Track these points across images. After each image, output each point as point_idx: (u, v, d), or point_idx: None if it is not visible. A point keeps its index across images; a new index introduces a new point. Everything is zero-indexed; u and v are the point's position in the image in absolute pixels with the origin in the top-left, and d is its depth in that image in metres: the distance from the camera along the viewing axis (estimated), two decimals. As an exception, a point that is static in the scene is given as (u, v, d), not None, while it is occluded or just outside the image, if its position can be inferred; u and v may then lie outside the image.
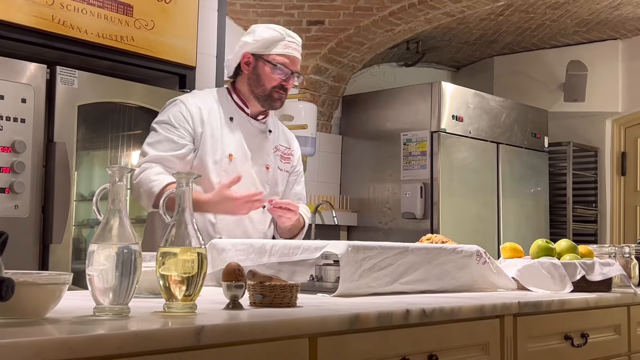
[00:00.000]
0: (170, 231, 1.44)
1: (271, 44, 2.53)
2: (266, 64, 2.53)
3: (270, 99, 2.55)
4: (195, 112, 2.50)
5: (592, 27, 5.62)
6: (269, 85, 2.53)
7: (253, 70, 2.54)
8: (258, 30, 2.57)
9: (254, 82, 2.55)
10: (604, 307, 2.29)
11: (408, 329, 1.62)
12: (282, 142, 2.72)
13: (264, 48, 2.53)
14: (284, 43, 2.54)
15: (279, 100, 2.56)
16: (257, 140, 2.61)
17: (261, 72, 2.53)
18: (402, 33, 5.13)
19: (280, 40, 2.54)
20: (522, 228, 5.31)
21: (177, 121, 2.48)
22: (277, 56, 2.53)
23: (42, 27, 2.88)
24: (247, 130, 2.58)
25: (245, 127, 2.58)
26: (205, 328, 1.24)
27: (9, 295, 1.04)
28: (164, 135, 2.46)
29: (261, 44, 2.53)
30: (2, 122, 2.74)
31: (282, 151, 2.71)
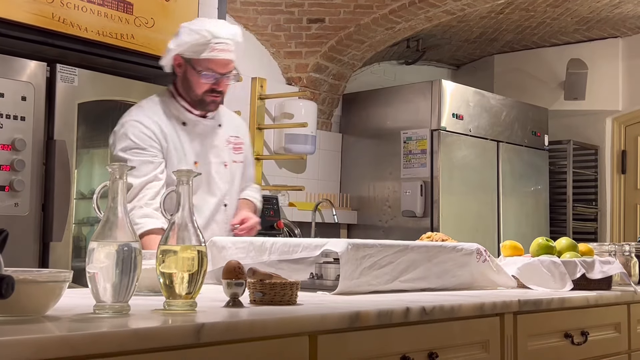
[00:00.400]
0: (170, 229, 1.44)
1: (196, 48, 2.41)
2: (193, 70, 2.42)
3: (203, 103, 2.47)
4: (155, 127, 2.44)
5: (592, 25, 5.62)
6: (199, 91, 2.44)
7: (183, 75, 2.45)
8: (182, 33, 2.44)
9: (185, 87, 2.47)
10: (604, 305, 2.29)
11: (408, 327, 1.62)
12: (232, 132, 2.65)
13: (191, 52, 2.41)
14: (210, 46, 2.40)
15: (212, 103, 2.48)
16: (211, 139, 2.55)
17: (190, 78, 2.44)
18: (403, 31, 5.13)
19: (205, 43, 2.40)
20: (522, 226, 5.31)
21: (143, 142, 2.41)
22: (204, 60, 2.40)
23: (42, 24, 2.88)
24: (201, 131, 2.52)
25: (198, 128, 2.51)
26: (205, 326, 1.24)
27: (9, 293, 1.04)
28: (138, 160, 2.39)
29: (186, 48, 2.42)
30: (2, 120, 2.74)
31: (234, 142, 2.64)
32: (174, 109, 2.49)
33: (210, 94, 2.44)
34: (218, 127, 2.58)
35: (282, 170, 5.00)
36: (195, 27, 2.42)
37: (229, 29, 2.44)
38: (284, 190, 4.81)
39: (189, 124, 2.50)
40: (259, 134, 4.79)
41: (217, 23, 2.46)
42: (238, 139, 2.66)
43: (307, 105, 4.87)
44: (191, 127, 2.50)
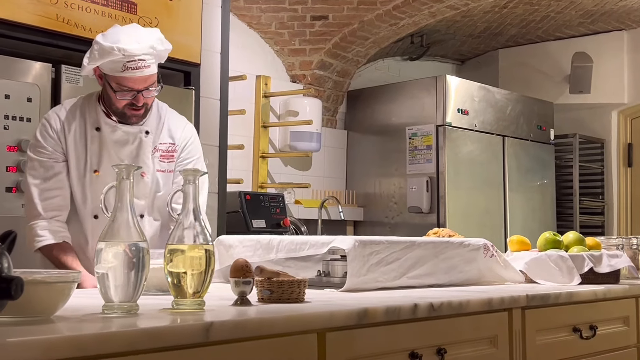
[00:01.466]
0: (178, 228, 1.45)
1: (110, 65, 2.24)
2: (108, 85, 2.28)
3: (124, 116, 2.32)
4: (59, 127, 2.32)
5: (597, 18, 5.60)
6: (119, 105, 2.30)
7: (104, 88, 2.33)
8: (96, 49, 2.26)
9: (105, 100, 2.34)
10: (612, 299, 2.29)
11: (416, 323, 1.62)
12: (164, 139, 2.44)
13: (107, 69, 2.26)
14: (122, 64, 2.22)
15: (133, 117, 2.32)
16: (130, 146, 2.36)
17: (109, 92, 2.29)
18: (406, 27, 5.12)
19: (118, 59, 2.23)
20: (529, 221, 5.30)
21: (44, 141, 2.32)
22: (117, 78, 2.25)
23: (46, 26, 2.89)
24: (118, 139, 2.35)
25: (115, 135, 2.35)
26: (214, 324, 1.24)
27: (18, 294, 1.05)
28: (37, 160, 2.32)
29: (101, 65, 2.26)
30: (9, 121, 2.75)
31: (164, 149, 2.43)
32: (93, 112, 2.36)
33: (130, 109, 2.30)
34: (144, 134, 2.39)
35: (288, 168, 5.00)
36: (107, 43, 2.24)
37: (144, 42, 2.26)
38: (289, 188, 4.82)
39: (105, 129, 2.34)
40: (264, 132, 4.79)
41: (130, 37, 2.27)
42: (171, 146, 2.44)
43: (312, 102, 4.86)
44: (106, 133, 2.34)
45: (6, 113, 2.75)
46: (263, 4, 4.69)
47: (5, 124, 2.74)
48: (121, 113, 2.32)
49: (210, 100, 3.59)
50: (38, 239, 2.29)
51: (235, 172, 4.44)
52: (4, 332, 1.08)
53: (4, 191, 2.72)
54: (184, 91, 3.37)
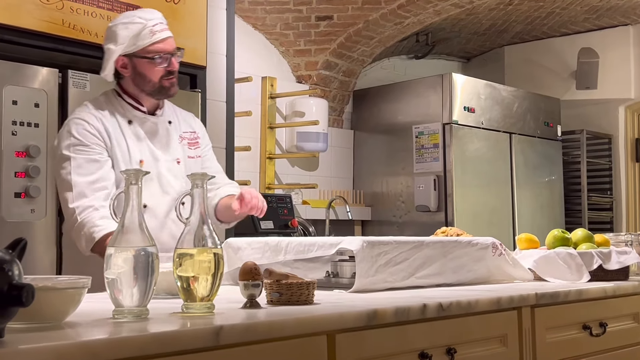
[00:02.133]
0: (187, 232, 1.45)
1: (136, 38, 2.33)
2: (143, 60, 2.35)
3: (162, 90, 2.39)
4: (99, 125, 2.35)
5: (602, 13, 5.58)
6: (156, 79, 2.36)
7: (133, 70, 2.37)
8: (118, 31, 2.36)
9: (139, 81, 2.38)
10: (622, 296, 2.28)
11: (426, 323, 1.63)
12: (185, 128, 2.56)
13: (132, 45, 2.34)
14: (148, 30, 2.33)
15: (172, 87, 2.40)
16: (160, 136, 2.46)
17: (142, 70, 2.36)
18: (411, 25, 5.12)
19: (142, 30, 2.33)
20: (537, 218, 5.30)
21: (87, 139, 2.31)
22: (149, 47, 2.34)
23: (52, 31, 2.90)
24: (148, 129, 2.43)
25: (145, 126, 2.43)
26: (224, 328, 1.25)
27: (29, 301, 1.05)
28: (82, 158, 2.30)
29: (128, 43, 2.34)
30: (17, 127, 2.76)
31: (188, 138, 2.55)
32: (119, 107, 2.41)
33: (166, 79, 2.37)
34: (168, 124, 2.49)
35: (295, 169, 5.01)
36: (126, 20, 2.36)
37: (154, 11, 2.41)
38: (297, 188, 4.82)
39: (135, 121, 2.41)
40: (271, 133, 4.80)
41: (141, 10, 2.40)
42: (193, 134, 2.57)
43: (318, 102, 4.87)
44: (138, 125, 2.41)
45: (14, 119, 2.76)
46: (268, 6, 4.70)
47: (14, 130, 2.76)
48: (158, 88, 2.38)
49: (217, 102, 3.60)
50: (97, 228, 2.20)
51: (242, 173, 4.45)
52: (16, 338, 1.09)
53: (12, 197, 2.74)
54: (190, 94, 3.38)
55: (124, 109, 2.41)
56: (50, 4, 2.89)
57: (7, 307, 1.05)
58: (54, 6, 2.90)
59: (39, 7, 2.86)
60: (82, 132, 2.32)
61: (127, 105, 2.42)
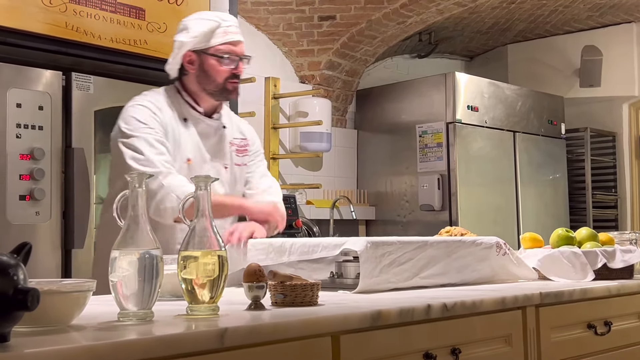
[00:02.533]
0: (191, 235, 1.46)
1: (209, 35, 2.34)
2: (211, 58, 2.35)
3: (225, 92, 2.39)
4: (158, 112, 2.35)
5: (605, 11, 5.57)
6: (221, 79, 2.36)
7: (199, 68, 2.37)
8: (192, 25, 2.37)
9: (203, 80, 2.38)
10: (627, 295, 2.28)
11: (430, 323, 1.63)
12: (237, 134, 2.55)
13: (204, 42, 2.35)
14: (222, 30, 2.35)
15: (234, 91, 2.40)
16: (213, 139, 2.45)
17: (208, 68, 2.36)
18: (414, 25, 5.12)
19: (217, 28, 2.35)
20: (542, 216, 5.29)
21: (151, 123, 2.31)
22: (220, 45, 2.34)
23: (56, 34, 2.91)
24: (202, 131, 2.43)
25: (200, 127, 2.42)
26: (228, 330, 1.25)
27: (34, 305, 1.06)
28: (151, 137, 2.28)
29: (200, 39, 2.34)
30: (21, 129, 2.77)
31: (238, 144, 2.53)
32: (176, 103, 2.41)
33: (231, 81, 2.37)
34: (222, 129, 2.48)
35: (299, 169, 5.01)
36: (202, 16, 2.39)
37: (230, 15, 2.44)
38: (301, 188, 4.83)
39: (190, 120, 2.41)
40: (274, 134, 4.80)
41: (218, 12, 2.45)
42: (244, 141, 2.56)
43: (321, 102, 4.87)
44: (192, 124, 2.41)
45: (18, 121, 2.77)
46: (270, 6, 4.70)
47: (18, 133, 2.76)
48: (221, 89, 2.37)
49: (220, 103, 3.60)
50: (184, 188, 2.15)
51: (246, 174, 4.45)
52: (22, 342, 1.09)
53: (17, 199, 2.74)
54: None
55: (181, 107, 2.41)
56: (53, 7, 2.89)
57: (12, 311, 1.06)
58: (57, 9, 2.91)
59: (42, 9, 2.86)
60: (146, 117, 2.31)
61: (185, 103, 2.41)
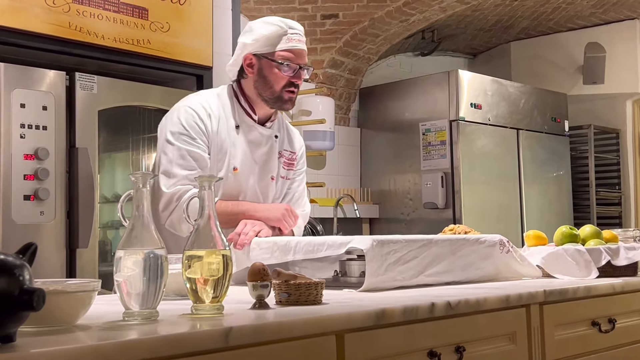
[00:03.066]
0: (195, 234, 1.46)
1: (273, 40, 2.30)
2: (272, 64, 2.30)
3: (280, 100, 2.33)
4: (207, 120, 2.29)
5: (608, 7, 5.56)
6: (278, 87, 2.31)
7: (258, 72, 2.32)
8: (256, 28, 2.33)
9: (261, 85, 2.32)
10: (631, 292, 2.28)
11: (434, 322, 1.63)
12: (287, 145, 2.50)
13: (266, 46, 2.30)
14: (287, 37, 2.30)
15: (289, 101, 2.35)
16: (263, 149, 2.39)
17: (267, 73, 2.31)
18: (417, 23, 5.12)
19: (282, 34, 2.30)
20: (545, 214, 5.29)
21: (194, 132, 2.26)
22: (282, 52, 2.30)
23: (59, 34, 2.91)
24: (253, 139, 2.37)
25: (251, 135, 2.37)
26: (233, 329, 1.26)
27: (40, 305, 1.06)
28: (185, 149, 2.24)
29: (262, 43, 2.30)
30: (25, 130, 2.78)
31: (286, 157, 2.49)
32: (229, 109, 2.35)
33: (288, 90, 2.32)
34: (274, 139, 2.42)
35: (302, 167, 5.00)
36: (268, 20, 2.35)
37: (297, 24, 2.37)
38: (304, 187, 4.82)
39: (243, 127, 2.35)
40: (278, 132, 4.80)
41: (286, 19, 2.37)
42: (292, 155, 2.51)
43: (325, 101, 4.87)
44: (244, 131, 2.35)
45: (22, 122, 2.78)
46: (273, 5, 4.70)
47: (22, 133, 2.77)
48: (278, 97, 2.32)
49: (223, 102, 3.60)
50: None
51: (250, 173, 4.45)
52: (28, 342, 1.10)
53: (22, 199, 2.75)
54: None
55: (235, 111, 2.36)
56: (56, 7, 2.90)
57: (18, 311, 1.06)
58: (60, 9, 2.91)
59: (45, 10, 2.87)
60: (191, 124, 2.26)
61: (241, 108, 2.37)
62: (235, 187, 2.32)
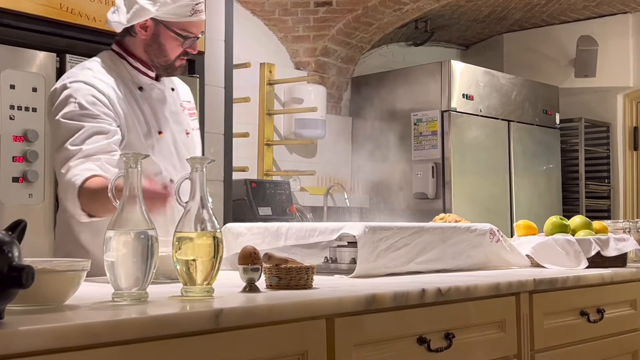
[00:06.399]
0: (185, 216, 1.45)
1: (179, 9, 2.10)
2: (172, 34, 2.12)
3: (171, 68, 2.18)
4: (110, 92, 2.07)
5: (601, 1, 5.57)
6: (173, 56, 2.15)
7: (153, 38, 2.13)
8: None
9: (154, 51, 2.14)
10: (620, 283, 2.29)
11: (424, 308, 1.63)
12: (184, 96, 2.33)
13: (172, 14, 2.10)
14: (191, 7, 2.11)
15: (180, 67, 2.20)
16: (169, 104, 2.23)
17: (164, 41, 2.13)
18: (411, 12, 5.10)
19: (187, 5, 2.11)
20: (535, 206, 5.30)
21: (96, 109, 2.02)
22: (186, 23, 2.12)
23: (50, 15, 2.88)
24: (157, 96, 2.20)
25: (154, 92, 2.20)
26: (223, 311, 1.25)
27: (29, 283, 1.05)
28: (91, 128, 1.98)
29: (168, 10, 2.09)
30: (14, 111, 2.75)
31: (188, 107, 2.33)
32: (125, 71, 2.16)
33: (181, 58, 2.17)
34: (172, 91, 2.27)
35: (293, 156, 5.00)
36: None
37: None
38: (295, 175, 4.82)
39: (146, 88, 2.18)
40: (269, 120, 4.79)
41: None
42: (190, 104, 2.35)
43: (317, 89, 4.86)
44: (148, 91, 2.18)
45: (12, 103, 2.75)
46: (266, -9, 4.68)
47: (11, 114, 2.75)
48: (169, 65, 2.17)
49: (215, 88, 3.59)
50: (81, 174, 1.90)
51: (240, 160, 4.44)
52: (16, 320, 1.09)
53: (10, 181, 2.73)
54: (188, 79, 3.36)
55: (131, 74, 2.17)
56: (48, -12, 2.87)
57: (6, 288, 1.05)
58: (51, -10, 2.88)
59: (36, -10, 2.84)
60: (91, 100, 2.03)
61: (134, 69, 2.18)
62: (163, 151, 2.17)
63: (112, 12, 2.17)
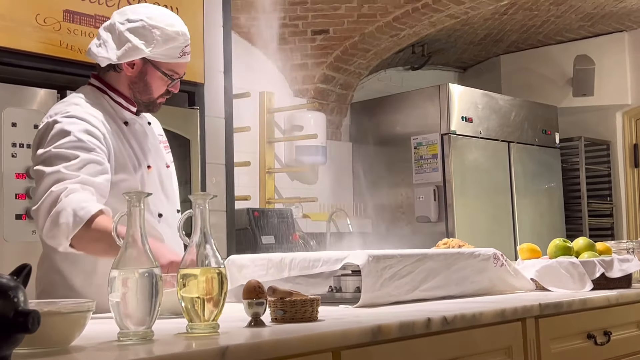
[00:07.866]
0: (189, 252, 1.45)
1: (170, 52, 2.12)
2: (159, 74, 2.14)
3: (153, 104, 2.19)
4: (100, 125, 2.06)
5: (597, 20, 5.61)
6: (157, 94, 2.17)
7: (139, 76, 2.14)
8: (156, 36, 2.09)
9: (139, 89, 2.15)
10: (626, 304, 2.28)
11: (430, 337, 1.62)
12: (157, 130, 2.34)
13: (163, 56, 2.12)
14: (181, 49, 2.14)
15: (159, 106, 2.22)
16: (149, 138, 2.24)
17: (151, 81, 2.14)
18: (407, 37, 5.14)
19: (180, 46, 2.13)
20: (538, 226, 5.30)
21: (91, 142, 2.00)
22: (174, 64, 2.14)
23: (50, 52, 2.91)
24: (139, 131, 2.21)
25: (138, 127, 2.21)
26: (229, 348, 1.25)
27: (35, 327, 1.05)
28: (83, 157, 1.96)
29: (160, 53, 2.11)
30: (16, 149, 2.77)
31: (162, 141, 2.33)
32: (108, 106, 2.15)
33: (162, 97, 2.19)
34: (149, 125, 2.28)
35: (295, 183, 5.01)
36: (171, 30, 2.11)
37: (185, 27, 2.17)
38: (297, 202, 4.82)
39: (130, 122, 2.18)
40: (270, 148, 4.80)
41: (175, 17, 2.16)
42: (163, 137, 2.36)
43: (316, 116, 4.88)
44: (132, 126, 2.19)
45: (13, 141, 2.77)
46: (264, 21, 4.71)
47: (13, 152, 2.76)
48: (151, 102, 2.18)
49: (216, 119, 3.61)
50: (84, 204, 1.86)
51: (242, 188, 4.45)
52: (22, 365, 1.09)
53: (14, 218, 2.74)
54: (188, 111, 3.39)
55: (114, 109, 2.16)
56: (47, 26, 2.90)
57: (13, 333, 1.05)
58: (51, 27, 2.91)
59: (36, 29, 2.87)
60: (83, 134, 2.01)
61: (116, 105, 2.17)
62: (153, 186, 2.17)
63: (98, 46, 2.15)
